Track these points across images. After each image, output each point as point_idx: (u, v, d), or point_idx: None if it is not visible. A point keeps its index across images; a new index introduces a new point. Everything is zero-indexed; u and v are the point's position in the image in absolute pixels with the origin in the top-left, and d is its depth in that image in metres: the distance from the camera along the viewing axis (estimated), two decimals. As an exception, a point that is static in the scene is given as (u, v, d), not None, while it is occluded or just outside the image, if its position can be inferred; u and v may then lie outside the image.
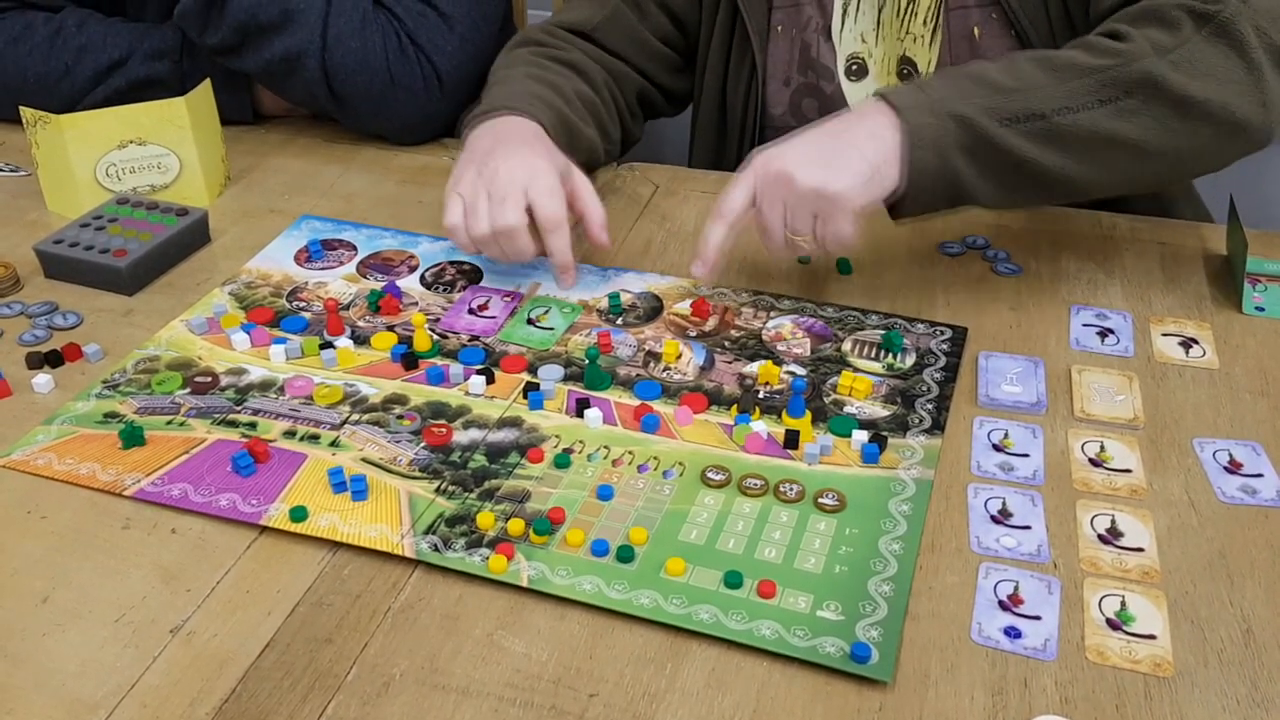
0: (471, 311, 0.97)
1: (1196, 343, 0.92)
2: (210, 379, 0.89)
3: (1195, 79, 0.86)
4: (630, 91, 1.20)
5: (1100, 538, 0.73)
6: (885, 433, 0.82)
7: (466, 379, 0.88)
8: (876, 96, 0.91)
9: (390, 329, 0.95)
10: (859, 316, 0.95)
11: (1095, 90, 0.87)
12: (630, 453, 0.81)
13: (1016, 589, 0.70)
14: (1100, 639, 0.67)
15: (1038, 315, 0.95)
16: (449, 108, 1.24)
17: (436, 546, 0.73)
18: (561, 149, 1.01)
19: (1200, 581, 0.70)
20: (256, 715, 0.63)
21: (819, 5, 1.13)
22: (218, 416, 0.85)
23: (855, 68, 1.14)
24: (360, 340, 0.93)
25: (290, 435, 0.83)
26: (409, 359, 0.90)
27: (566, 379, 0.89)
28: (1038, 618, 0.68)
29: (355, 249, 1.07)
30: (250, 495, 0.77)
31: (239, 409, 0.86)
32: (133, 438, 0.82)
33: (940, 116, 0.87)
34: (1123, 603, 0.69)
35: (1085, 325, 0.94)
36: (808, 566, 0.71)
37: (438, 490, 0.78)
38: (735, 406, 0.85)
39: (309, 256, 1.05)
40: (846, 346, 0.92)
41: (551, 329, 0.95)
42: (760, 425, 0.82)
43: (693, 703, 0.63)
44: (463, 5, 1.22)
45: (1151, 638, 0.67)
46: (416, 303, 0.99)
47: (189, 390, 0.88)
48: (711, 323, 0.95)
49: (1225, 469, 0.79)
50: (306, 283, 1.02)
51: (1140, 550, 0.72)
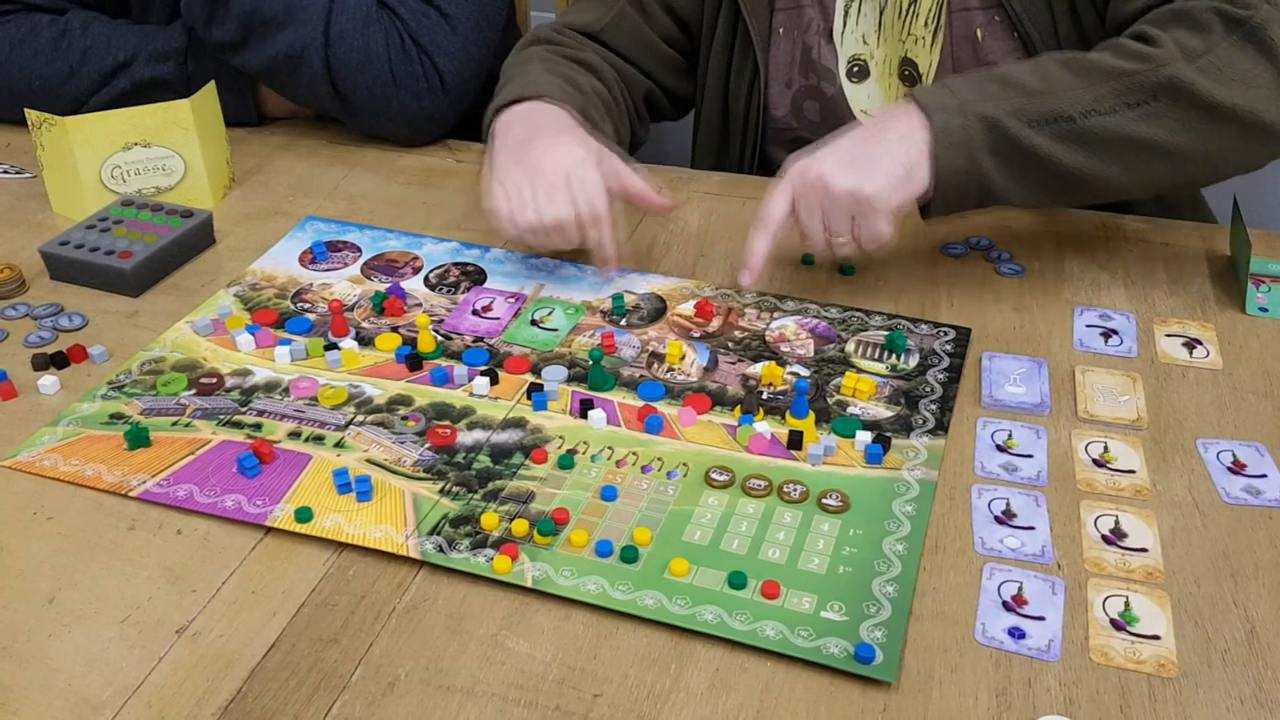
0: (475, 313, 0.97)
1: (1200, 343, 0.92)
2: (215, 380, 0.89)
3: (1223, 85, 0.87)
4: (638, 93, 1.20)
5: (1104, 538, 0.73)
6: (889, 433, 0.82)
7: (471, 380, 0.88)
8: (906, 98, 0.92)
9: (395, 330, 0.95)
10: (862, 317, 0.95)
11: (1123, 94, 0.88)
12: (634, 453, 0.81)
13: (1020, 590, 0.70)
14: (1104, 639, 0.67)
15: (1041, 316, 0.96)
16: (451, 109, 1.24)
17: (441, 547, 0.73)
18: None
19: (1204, 582, 0.70)
20: (262, 715, 0.63)
21: (820, 7, 1.13)
22: (223, 418, 0.85)
23: (857, 69, 1.14)
24: (365, 341, 0.94)
25: (295, 436, 0.83)
26: (413, 360, 0.90)
27: (570, 380, 0.89)
28: (1041, 618, 0.68)
29: (360, 250, 1.07)
30: (255, 496, 0.77)
31: (244, 410, 0.86)
32: (138, 439, 0.82)
33: (968, 117, 0.88)
34: (1126, 603, 0.69)
35: (1089, 326, 0.94)
36: (812, 567, 0.71)
37: (442, 491, 0.78)
38: (739, 407, 0.85)
39: (313, 258, 1.06)
40: (850, 347, 0.92)
41: (555, 330, 0.95)
42: (764, 426, 0.82)
43: (697, 703, 0.64)
44: (466, 7, 1.22)
45: (1155, 638, 0.67)
46: (421, 304, 0.99)
47: (194, 391, 0.88)
48: (715, 324, 0.95)
49: (1229, 470, 0.79)
50: (311, 284, 1.02)
51: (1144, 551, 0.73)
